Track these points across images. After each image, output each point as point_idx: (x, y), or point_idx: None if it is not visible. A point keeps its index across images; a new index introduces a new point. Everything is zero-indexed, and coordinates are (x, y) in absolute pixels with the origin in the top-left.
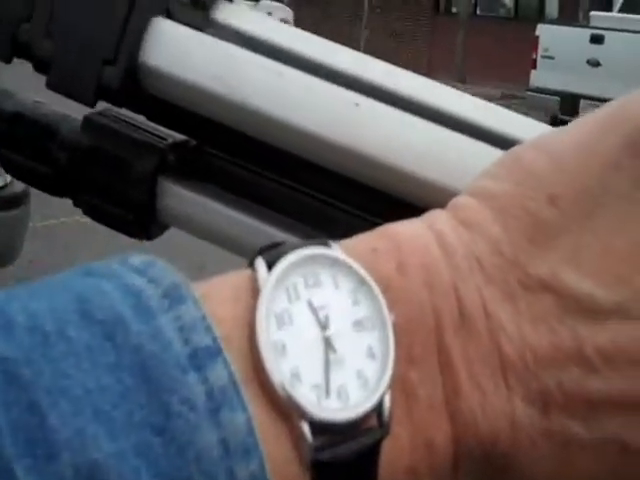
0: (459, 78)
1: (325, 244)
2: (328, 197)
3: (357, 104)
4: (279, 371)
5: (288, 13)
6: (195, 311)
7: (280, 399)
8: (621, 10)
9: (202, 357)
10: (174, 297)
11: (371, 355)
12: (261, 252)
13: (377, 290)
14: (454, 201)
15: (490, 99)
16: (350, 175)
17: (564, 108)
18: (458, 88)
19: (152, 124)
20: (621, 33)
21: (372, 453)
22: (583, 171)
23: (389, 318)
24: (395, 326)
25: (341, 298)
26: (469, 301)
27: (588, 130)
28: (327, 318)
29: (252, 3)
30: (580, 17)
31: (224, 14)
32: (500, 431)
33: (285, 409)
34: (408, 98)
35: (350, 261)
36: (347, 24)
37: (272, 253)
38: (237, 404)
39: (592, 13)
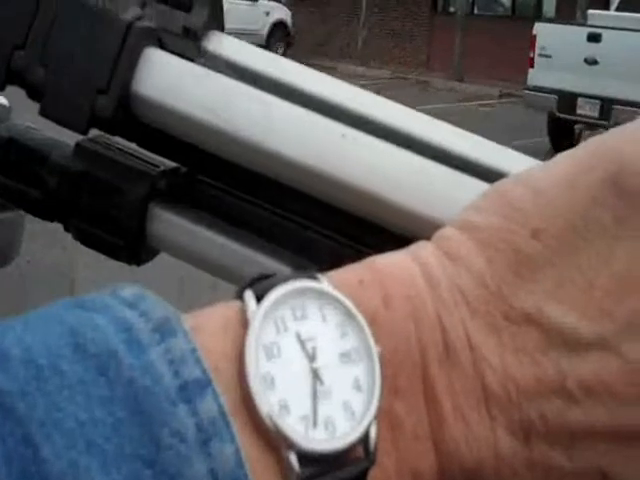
0: (457, 77)
1: (312, 277)
2: (316, 225)
3: (343, 135)
4: (267, 403)
5: (286, 13)
6: (185, 344)
7: (268, 430)
8: (618, 9)
9: (192, 389)
10: (165, 330)
11: (357, 387)
12: (250, 284)
13: (364, 323)
14: (439, 233)
15: (488, 98)
16: (336, 204)
17: (561, 106)
18: (456, 87)
19: (143, 151)
20: (618, 31)
21: None
22: (567, 207)
23: (375, 350)
24: (381, 358)
25: (328, 330)
26: (453, 333)
27: (571, 166)
28: (315, 350)
29: (250, 3)
30: (577, 16)
31: (215, 44)
32: (484, 461)
33: (273, 440)
34: (394, 129)
35: (337, 294)
36: (345, 24)
37: (261, 285)
38: (226, 435)
39: (589, 11)
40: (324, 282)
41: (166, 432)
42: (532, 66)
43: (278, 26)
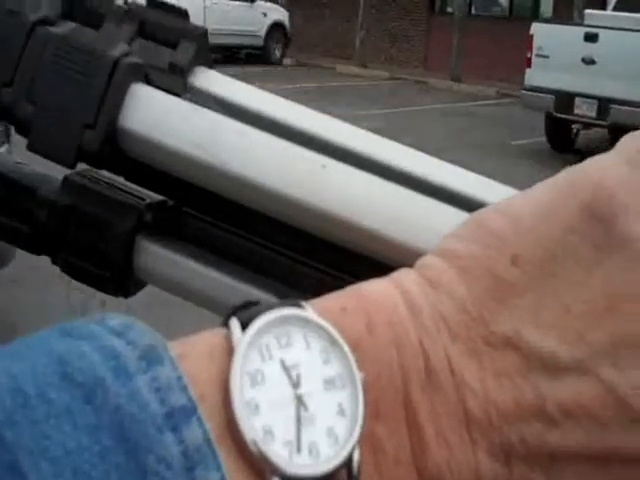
0: (454, 77)
1: (296, 305)
2: (300, 256)
3: (324, 166)
4: (252, 428)
5: (283, 14)
6: (171, 371)
7: (253, 455)
8: (615, 8)
9: (178, 417)
10: (151, 358)
11: (341, 412)
12: (235, 312)
13: (347, 349)
14: (421, 261)
15: (486, 98)
16: (319, 234)
17: (559, 106)
18: (454, 87)
19: (130, 184)
20: (615, 31)
21: None
22: (544, 234)
23: (359, 377)
24: (364, 385)
25: (312, 357)
26: (435, 359)
27: (549, 194)
28: (299, 377)
29: (247, 4)
30: (575, 16)
31: (201, 80)
32: None
33: (258, 465)
34: (374, 160)
35: (321, 321)
36: (342, 25)
37: (246, 313)
38: (211, 463)
39: (586, 11)
40: (308, 310)
41: (152, 459)
42: (529, 66)
43: (276, 27)
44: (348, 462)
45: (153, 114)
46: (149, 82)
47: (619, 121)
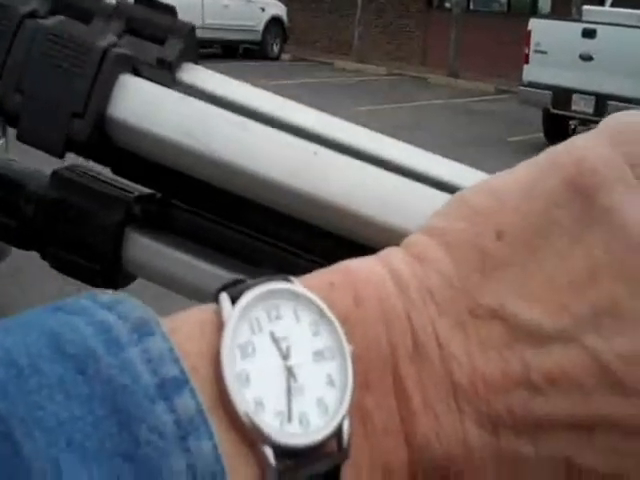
0: (452, 73)
1: (286, 279)
2: (291, 246)
3: (315, 153)
4: (243, 400)
5: (281, 9)
6: (163, 344)
7: (245, 426)
8: (613, 4)
9: (170, 387)
10: (143, 331)
11: (331, 383)
12: (225, 288)
13: (336, 322)
14: (407, 239)
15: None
16: (311, 221)
17: (556, 102)
18: (452, 83)
19: (119, 178)
20: (613, 27)
21: (333, 477)
22: (528, 209)
23: (348, 349)
24: (353, 356)
25: (302, 330)
26: (422, 331)
27: (531, 172)
28: (289, 349)
29: (244, 1)
30: (573, 11)
31: (189, 75)
32: (453, 453)
33: (250, 435)
34: (362, 150)
35: (310, 294)
36: (341, 20)
37: (236, 289)
38: (204, 432)
39: (584, 7)
40: (297, 284)
41: (145, 428)
42: (527, 62)
43: (274, 22)
44: (338, 432)
45: (142, 104)
46: (137, 74)
47: None
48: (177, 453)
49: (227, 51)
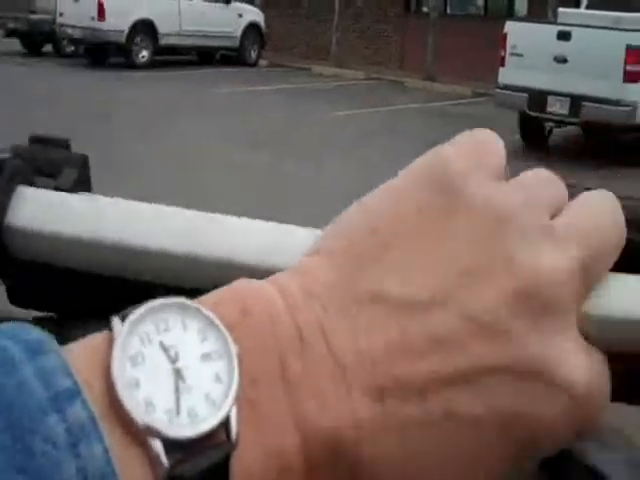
0: (430, 77)
1: (174, 296)
2: None
3: (211, 220)
4: (134, 402)
5: (259, 15)
6: (56, 360)
7: (136, 425)
8: (588, 6)
9: (62, 399)
10: (37, 350)
11: (218, 380)
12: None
13: (223, 328)
14: (294, 265)
15: (461, 97)
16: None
17: (532, 104)
18: (428, 87)
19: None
20: (588, 29)
21: (223, 466)
22: (398, 206)
23: (234, 349)
24: (239, 356)
25: (190, 337)
26: (307, 327)
27: (400, 178)
28: (177, 354)
29: (223, 5)
30: (549, 14)
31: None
32: (343, 430)
33: (141, 434)
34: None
35: (198, 305)
36: (318, 25)
37: (126, 310)
38: (95, 437)
39: (560, 10)
40: (186, 299)
41: (38, 439)
42: (503, 65)
43: (251, 28)
44: (226, 422)
45: (39, 208)
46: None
47: (591, 118)
48: (68, 459)
49: (204, 57)
